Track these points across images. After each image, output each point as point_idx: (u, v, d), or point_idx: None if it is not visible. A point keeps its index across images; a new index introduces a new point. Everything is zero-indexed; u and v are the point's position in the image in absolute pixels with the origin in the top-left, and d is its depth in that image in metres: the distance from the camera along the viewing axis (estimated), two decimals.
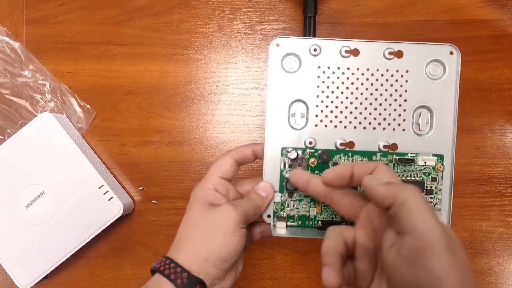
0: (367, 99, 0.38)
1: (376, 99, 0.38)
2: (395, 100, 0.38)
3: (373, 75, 0.38)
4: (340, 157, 0.38)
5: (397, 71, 0.38)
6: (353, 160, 0.38)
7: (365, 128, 0.38)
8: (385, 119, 0.38)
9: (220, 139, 0.55)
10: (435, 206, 0.38)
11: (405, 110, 0.38)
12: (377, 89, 0.38)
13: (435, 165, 0.38)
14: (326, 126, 0.38)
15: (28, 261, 0.50)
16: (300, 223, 0.39)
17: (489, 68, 0.54)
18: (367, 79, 0.38)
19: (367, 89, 0.38)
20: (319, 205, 0.39)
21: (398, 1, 0.54)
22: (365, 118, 0.38)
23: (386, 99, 0.38)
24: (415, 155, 0.38)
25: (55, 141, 0.51)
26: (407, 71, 0.38)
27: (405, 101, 0.38)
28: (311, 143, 0.38)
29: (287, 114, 0.38)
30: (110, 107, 0.55)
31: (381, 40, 0.38)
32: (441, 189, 0.38)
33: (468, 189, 0.53)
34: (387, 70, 0.38)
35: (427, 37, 0.54)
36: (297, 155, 0.38)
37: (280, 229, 0.39)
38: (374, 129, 0.38)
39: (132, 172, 0.55)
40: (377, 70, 0.38)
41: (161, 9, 0.56)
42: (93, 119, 0.55)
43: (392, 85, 0.38)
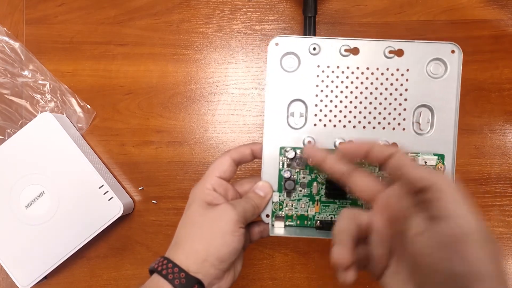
0: (366, 98, 0.37)
1: (376, 98, 0.37)
2: (395, 99, 0.37)
3: (373, 74, 0.37)
4: None
5: (398, 69, 0.37)
6: None
7: (364, 127, 0.38)
8: (385, 118, 0.37)
9: (220, 139, 0.55)
10: None
11: (405, 109, 0.37)
12: (377, 88, 0.37)
13: (436, 165, 0.37)
14: (325, 125, 0.38)
15: (28, 261, 0.50)
16: (298, 222, 0.39)
17: (489, 68, 0.54)
18: (367, 78, 0.37)
19: (366, 88, 0.37)
20: (317, 204, 0.38)
21: (398, 1, 0.54)
22: (365, 117, 0.37)
23: (386, 98, 0.37)
24: (415, 155, 0.37)
25: (55, 141, 0.51)
26: (408, 70, 0.37)
27: (406, 100, 0.37)
28: (310, 142, 0.38)
29: (286, 113, 0.38)
30: (110, 107, 0.55)
31: (381, 38, 0.38)
32: None
33: (468, 189, 0.53)
34: (387, 69, 0.37)
35: (427, 37, 0.54)
36: (295, 154, 0.38)
37: (278, 229, 0.38)
38: (373, 128, 0.38)
39: (132, 172, 0.55)
40: (377, 69, 0.37)
41: (161, 9, 0.56)
42: (93, 119, 0.55)
43: (392, 84, 0.37)
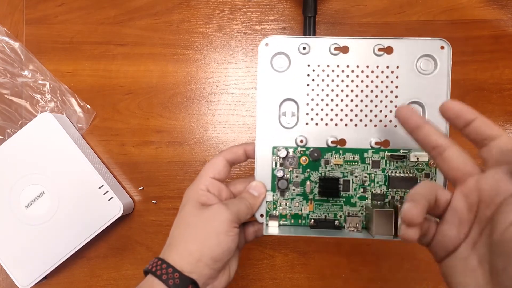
0: (357, 96, 0.38)
1: (366, 96, 0.38)
2: (386, 96, 0.37)
3: (363, 72, 0.37)
4: (331, 155, 0.38)
5: (388, 67, 0.37)
6: (344, 157, 0.38)
7: (356, 125, 0.38)
8: (376, 116, 0.38)
9: (220, 139, 0.55)
10: None
11: (396, 106, 0.37)
12: (367, 86, 0.37)
13: (428, 161, 0.38)
14: (317, 124, 0.38)
15: (28, 261, 0.50)
16: (292, 221, 0.39)
17: (489, 68, 0.54)
18: (357, 76, 0.38)
19: (357, 86, 0.38)
20: (311, 203, 0.39)
21: (398, 1, 0.54)
22: (356, 115, 0.38)
23: (377, 96, 0.37)
24: (407, 152, 0.38)
25: (55, 141, 0.51)
26: (398, 67, 0.37)
27: (396, 97, 0.37)
28: (302, 141, 0.38)
29: (277, 113, 0.38)
30: (110, 107, 0.55)
31: (372, 36, 0.38)
32: None
33: None
34: (377, 66, 0.37)
35: (427, 37, 0.54)
36: (287, 153, 0.38)
37: (272, 228, 0.38)
38: (365, 126, 0.38)
39: (132, 172, 0.55)
40: (367, 66, 0.37)
41: (161, 9, 0.56)
42: (93, 119, 0.55)
43: (382, 82, 0.37)
